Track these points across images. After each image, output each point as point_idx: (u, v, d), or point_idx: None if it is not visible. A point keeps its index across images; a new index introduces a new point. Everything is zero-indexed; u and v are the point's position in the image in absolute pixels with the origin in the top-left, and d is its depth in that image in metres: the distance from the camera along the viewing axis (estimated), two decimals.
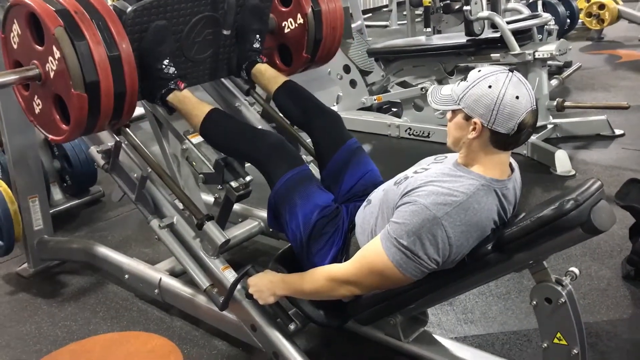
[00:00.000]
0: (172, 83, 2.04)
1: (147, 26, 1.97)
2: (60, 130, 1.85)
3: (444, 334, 2.03)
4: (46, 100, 1.85)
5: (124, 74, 1.77)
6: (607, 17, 6.47)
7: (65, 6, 1.71)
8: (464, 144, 1.52)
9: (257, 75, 2.26)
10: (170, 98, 2.05)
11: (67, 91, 1.72)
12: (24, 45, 1.81)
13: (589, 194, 1.41)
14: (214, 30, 2.16)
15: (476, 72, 1.50)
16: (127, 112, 1.88)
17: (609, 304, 2.12)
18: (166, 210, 2.07)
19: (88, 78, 1.69)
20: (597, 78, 5.16)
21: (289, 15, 2.36)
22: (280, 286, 1.77)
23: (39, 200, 2.68)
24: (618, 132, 3.78)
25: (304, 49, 2.37)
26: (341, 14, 2.43)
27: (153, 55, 2.00)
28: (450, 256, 1.48)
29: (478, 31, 3.58)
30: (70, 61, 1.67)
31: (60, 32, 1.66)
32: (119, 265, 2.42)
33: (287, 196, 1.81)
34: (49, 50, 1.71)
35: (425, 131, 4.02)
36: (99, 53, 1.70)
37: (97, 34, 1.71)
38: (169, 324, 2.24)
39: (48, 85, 1.79)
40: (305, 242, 1.76)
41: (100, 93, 1.73)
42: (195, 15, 2.08)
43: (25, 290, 2.59)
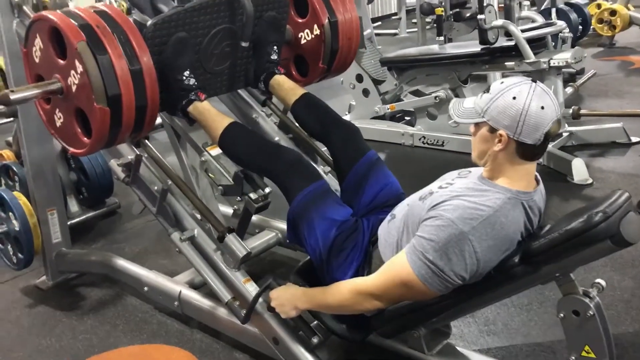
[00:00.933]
0: (192, 94, 2.05)
1: (166, 39, 1.98)
2: (82, 143, 1.86)
3: (467, 346, 2.02)
4: (68, 114, 1.86)
5: (145, 87, 1.78)
6: (619, 23, 6.44)
7: (87, 20, 1.73)
8: (489, 156, 1.52)
9: (275, 87, 2.26)
10: (190, 109, 2.05)
11: (90, 105, 1.73)
12: (46, 60, 1.83)
13: (617, 206, 1.40)
14: (232, 42, 2.17)
15: (499, 83, 1.49)
16: (148, 125, 1.89)
17: (634, 315, 2.10)
18: (187, 222, 2.07)
19: (110, 92, 1.70)
20: (610, 85, 5.14)
21: (305, 26, 2.36)
22: (303, 299, 1.76)
23: (57, 213, 2.70)
24: (634, 139, 3.75)
25: (320, 59, 2.37)
26: (357, 24, 2.43)
27: (174, 67, 2.01)
28: (478, 270, 1.48)
29: (492, 40, 3.56)
30: (92, 75, 1.68)
31: (82, 46, 1.68)
32: (138, 277, 2.42)
33: (305, 212, 1.80)
34: (72, 65, 1.73)
35: (440, 140, 4.01)
36: (121, 67, 1.72)
37: (119, 48, 1.73)
38: (189, 337, 2.24)
39: (70, 98, 1.80)
40: (325, 258, 1.76)
41: (122, 106, 1.74)
42: (214, 28, 2.09)
43: (44, 303, 2.60)
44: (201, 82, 2.11)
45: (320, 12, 2.29)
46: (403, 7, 8.97)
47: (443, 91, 3.97)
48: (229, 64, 2.22)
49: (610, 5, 6.55)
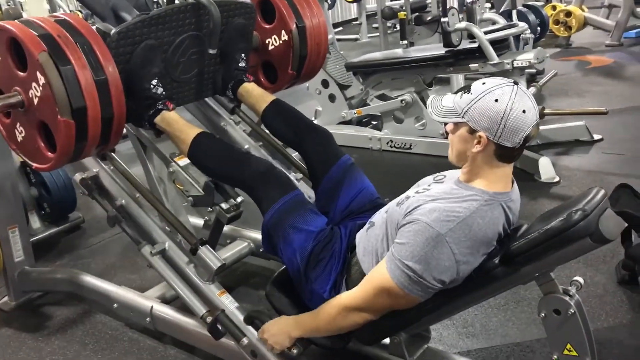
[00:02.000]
0: (160, 104, 1.99)
1: (131, 48, 1.92)
2: (46, 158, 1.79)
3: (447, 349, 2.01)
4: (30, 128, 1.79)
5: (111, 97, 1.72)
6: (574, 24, 6.61)
7: (48, 30, 1.66)
8: (467, 157, 1.50)
9: (243, 95, 2.22)
10: (158, 120, 1.99)
11: (53, 118, 1.66)
12: (5, 72, 1.76)
13: (595, 204, 1.40)
14: (199, 49, 2.12)
15: (480, 84, 1.47)
16: (115, 137, 1.83)
17: (608, 310, 2.12)
18: (157, 236, 2.02)
19: (75, 104, 1.64)
20: (570, 84, 5.25)
21: (272, 32, 2.33)
22: (294, 328, 1.72)
23: (18, 230, 2.59)
24: (597, 137, 3.83)
25: (289, 65, 2.35)
26: (325, 29, 2.42)
27: (140, 76, 1.95)
28: (457, 273, 1.46)
29: (456, 42, 3.60)
30: (56, 87, 1.62)
31: (44, 57, 1.61)
32: (106, 294, 2.34)
33: (280, 225, 1.77)
34: (33, 76, 1.65)
35: (407, 143, 4.02)
36: (85, 77, 1.66)
37: (82, 58, 1.67)
38: (162, 353, 2.17)
39: (32, 112, 1.73)
40: (303, 270, 1.73)
41: (87, 119, 1.68)
42: (180, 35, 2.04)
43: (7, 324, 2.49)
44: (168, 91, 2.06)
45: (288, 18, 2.27)
46: (363, 12, 9.03)
47: (409, 94, 3.99)
48: (196, 72, 2.17)
49: (565, 7, 6.71)
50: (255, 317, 1.82)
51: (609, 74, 5.55)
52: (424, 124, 4.01)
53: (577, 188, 3.15)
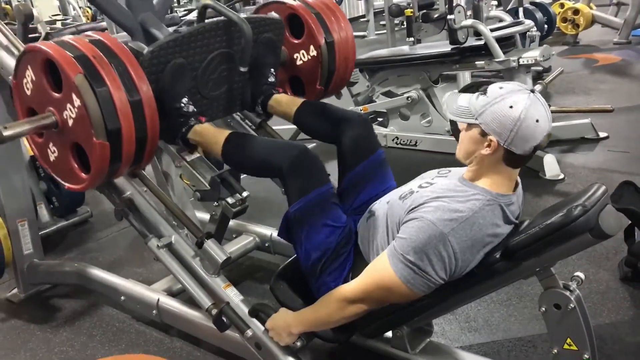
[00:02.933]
0: (192, 120, 1.97)
1: (163, 66, 1.90)
2: (80, 178, 1.79)
3: (449, 343, 2.02)
4: (63, 148, 1.78)
5: (145, 118, 1.72)
6: (582, 21, 6.60)
7: (83, 51, 1.65)
8: (475, 158, 1.52)
9: (274, 106, 2.18)
10: (190, 135, 1.98)
11: (88, 140, 1.65)
12: (39, 92, 1.74)
13: (595, 199, 1.42)
14: (229, 66, 2.09)
15: (497, 88, 1.48)
16: (148, 156, 1.83)
17: (610, 307, 2.13)
18: (164, 229, 2.04)
19: (110, 126, 1.63)
20: (576, 82, 5.24)
21: (301, 47, 2.29)
22: (295, 323, 1.74)
23: (28, 223, 2.63)
24: (602, 134, 3.83)
25: (317, 80, 2.29)
26: (352, 42, 2.34)
27: (172, 95, 1.93)
28: (456, 271, 1.49)
29: (462, 39, 3.60)
30: (91, 109, 1.61)
31: (80, 79, 1.60)
32: (114, 286, 2.37)
33: (308, 217, 1.73)
34: (68, 98, 1.65)
35: (413, 140, 4.04)
36: (120, 99, 1.65)
37: (117, 79, 1.66)
38: (169, 345, 2.20)
39: (65, 133, 1.72)
40: (323, 263, 1.72)
41: (122, 140, 1.67)
42: (211, 53, 2.01)
43: (17, 316, 2.53)
44: (198, 107, 2.03)
45: (317, 33, 2.21)
46: (371, 10, 9.02)
47: (415, 91, 3.99)
48: (225, 88, 2.14)
49: (573, 5, 6.69)
50: (259, 310, 1.84)
51: (616, 72, 5.54)
52: (429, 121, 4.02)
53: (581, 185, 3.15)
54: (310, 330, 1.76)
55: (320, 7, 2.27)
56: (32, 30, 3.96)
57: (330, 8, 2.30)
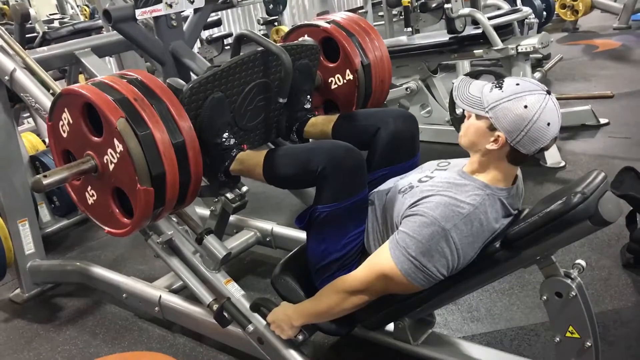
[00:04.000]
0: (234, 151, 1.90)
1: (202, 102, 1.84)
2: (122, 223, 1.72)
3: (452, 333, 2.03)
4: (103, 193, 1.72)
5: (189, 160, 1.65)
6: (581, 7, 6.55)
7: (124, 94, 1.59)
8: (479, 150, 1.50)
9: (309, 130, 2.10)
10: (232, 167, 1.90)
11: (132, 185, 1.59)
12: (76, 135, 1.68)
13: (594, 186, 1.40)
14: (265, 95, 2.04)
15: (514, 85, 1.44)
16: (191, 197, 1.76)
17: (612, 293, 2.13)
18: (163, 226, 2.03)
19: (154, 171, 1.57)
20: (576, 68, 5.21)
21: (336, 71, 2.21)
22: (296, 316, 1.73)
23: (28, 223, 2.64)
24: (603, 121, 3.81)
25: (353, 105, 2.22)
26: (389, 63, 2.26)
27: (212, 130, 1.86)
28: (457, 266, 1.49)
29: (460, 28, 3.58)
30: (135, 154, 1.54)
31: (122, 124, 1.53)
32: (116, 285, 2.37)
33: (338, 222, 1.66)
34: (109, 143, 1.58)
35: None
36: (164, 142, 1.58)
37: (160, 122, 1.59)
38: (171, 342, 2.21)
39: (106, 177, 1.66)
40: (337, 263, 1.69)
41: (166, 184, 1.61)
42: (249, 84, 1.96)
43: (20, 316, 2.54)
44: (237, 139, 1.97)
45: (353, 57, 2.14)
46: (369, 0, 8.97)
47: (414, 82, 3.97)
48: (262, 117, 2.08)
49: None
50: (261, 305, 1.84)
51: (617, 58, 5.51)
52: (429, 112, 4.00)
53: (582, 172, 3.13)
54: (311, 322, 1.76)
55: (355, 29, 2.20)
56: (30, 30, 3.95)
57: (364, 28, 2.23)
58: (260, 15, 8.40)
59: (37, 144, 3.62)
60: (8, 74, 2.23)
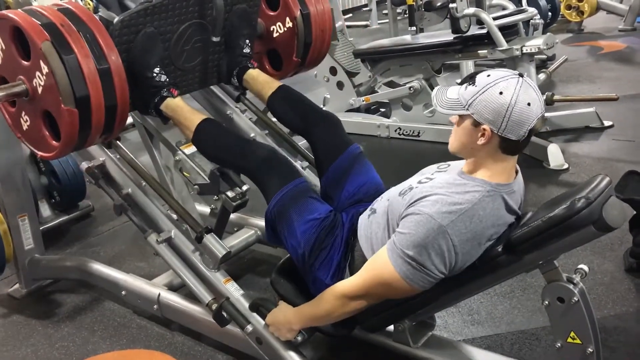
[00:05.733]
0: (164, 91, 1.99)
1: (134, 36, 1.92)
2: (51, 146, 1.80)
3: (452, 336, 2.01)
4: (35, 117, 1.79)
5: (114, 86, 1.73)
6: (587, 8, 6.51)
7: (51, 19, 1.66)
8: (472, 149, 1.49)
9: (249, 82, 2.21)
10: (163, 107, 2.00)
11: (57, 107, 1.67)
12: (9, 61, 1.76)
13: (599, 191, 1.39)
14: (202, 37, 2.12)
15: (485, 76, 1.46)
16: (119, 125, 1.84)
17: (615, 298, 2.11)
18: (163, 224, 2.03)
19: (78, 93, 1.65)
20: (581, 70, 5.19)
21: (277, 19, 2.32)
22: (295, 320, 1.73)
23: (28, 218, 2.62)
24: (607, 123, 3.79)
25: (294, 53, 2.33)
26: (329, 16, 2.39)
27: (143, 64, 1.95)
28: (457, 264, 1.47)
29: (464, 28, 3.56)
30: (59, 76, 1.62)
31: (47, 46, 1.61)
32: (115, 281, 2.36)
33: (284, 213, 1.76)
34: (36, 66, 1.66)
35: (415, 130, 4.01)
36: (88, 66, 1.66)
37: (85, 47, 1.67)
38: (170, 340, 2.19)
39: (36, 101, 1.74)
40: (307, 258, 1.72)
41: (91, 108, 1.68)
42: (183, 23, 2.03)
43: (18, 312, 2.53)
44: (172, 79, 2.06)
45: (292, 5, 2.25)
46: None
47: (417, 81, 3.96)
48: (200, 59, 2.17)
49: None
50: (260, 305, 1.83)
51: (622, 60, 5.48)
52: (432, 111, 3.98)
53: (585, 175, 3.13)
54: (311, 325, 1.75)
55: None
56: None
57: None
58: None
59: None
60: None
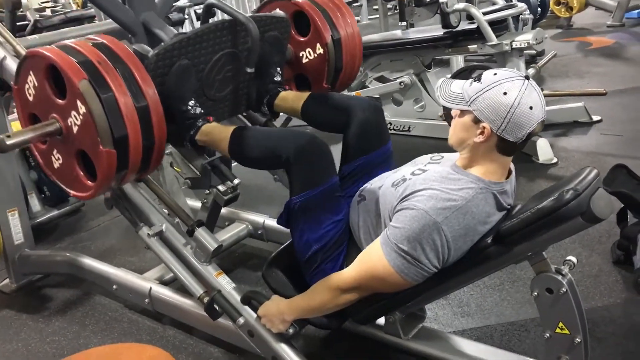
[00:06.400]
0: (200, 121, 1.92)
1: (168, 69, 1.85)
2: (85, 186, 1.73)
3: (442, 328, 2.03)
4: (68, 156, 1.72)
5: (152, 124, 1.66)
6: (575, 4, 6.56)
7: (87, 57, 1.60)
8: (468, 145, 1.51)
9: (280, 104, 2.13)
10: (198, 137, 1.92)
11: (94, 148, 1.60)
12: (42, 98, 1.68)
13: (587, 183, 1.41)
14: (234, 66, 2.04)
15: (492, 75, 1.46)
16: (155, 163, 1.78)
17: (602, 290, 2.14)
18: (154, 217, 2.02)
19: (117, 133, 1.58)
20: (570, 65, 5.23)
21: (307, 45, 2.23)
22: (288, 311, 1.73)
23: (18, 213, 2.61)
24: (595, 118, 3.82)
25: (324, 79, 2.24)
26: (359, 39, 2.29)
27: (177, 97, 1.88)
28: (449, 259, 1.49)
29: (454, 23, 3.58)
30: (97, 116, 1.55)
31: (85, 85, 1.55)
32: (106, 276, 2.36)
33: (312, 210, 1.69)
34: (72, 105, 1.59)
35: (406, 125, 4.02)
36: (126, 105, 1.59)
37: (123, 85, 1.60)
38: (161, 334, 2.20)
39: (70, 140, 1.66)
40: (321, 254, 1.70)
41: (129, 147, 1.62)
42: (216, 53, 1.96)
43: (8, 306, 2.52)
44: (204, 109, 1.98)
45: (323, 30, 2.16)
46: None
47: (407, 76, 3.97)
48: (231, 88, 2.09)
49: None
50: (252, 298, 1.83)
51: (610, 55, 5.52)
52: (422, 106, 4.00)
53: (574, 169, 3.14)
54: (304, 317, 1.76)
55: (326, 3, 2.21)
56: (21, 18, 3.91)
57: (336, 4, 2.24)
58: None
59: None
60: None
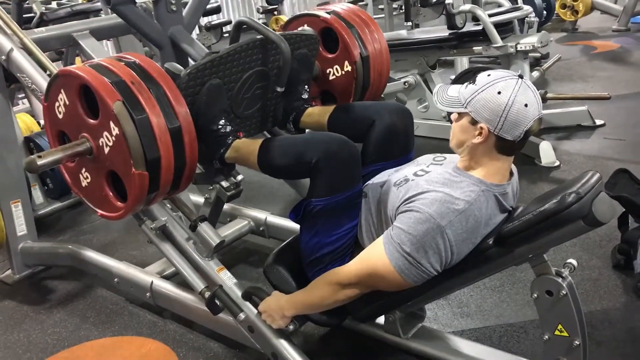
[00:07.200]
0: (230, 138, 1.90)
1: (200, 88, 1.82)
2: (115, 207, 1.71)
3: (441, 328, 2.04)
4: (97, 176, 1.71)
5: (184, 145, 1.65)
6: (581, 8, 6.55)
7: (121, 77, 1.58)
8: (468, 147, 1.52)
9: (305, 120, 2.10)
10: (228, 155, 1.90)
11: (126, 169, 1.58)
12: (72, 117, 1.67)
13: (589, 187, 1.41)
14: (263, 84, 2.02)
15: (485, 76, 1.48)
16: (185, 183, 1.76)
17: (602, 294, 2.14)
18: (157, 212, 2.03)
19: (150, 155, 1.56)
20: (574, 69, 5.23)
21: (335, 62, 2.20)
22: (288, 307, 1.74)
23: (21, 204, 2.62)
24: (599, 122, 3.83)
25: (350, 96, 2.21)
26: (387, 55, 2.25)
27: (209, 117, 1.86)
28: (451, 262, 1.50)
29: (460, 24, 3.57)
30: (130, 138, 1.53)
31: (119, 107, 1.52)
32: (108, 269, 2.37)
33: (332, 215, 1.67)
34: (105, 125, 1.57)
35: None
36: (160, 127, 1.57)
37: (157, 106, 1.59)
38: (162, 328, 2.21)
39: (101, 160, 1.65)
40: (329, 255, 1.70)
41: (161, 169, 1.61)
42: (246, 72, 1.94)
43: (10, 297, 2.54)
44: (233, 127, 1.96)
45: (352, 48, 2.13)
46: None
47: (412, 77, 3.97)
48: (259, 106, 2.06)
49: None
50: (253, 293, 1.84)
51: (615, 59, 5.52)
52: (426, 106, 4.01)
53: (576, 172, 3.15)
54: (303, 314, 1.77)
55: (354, 20, 2.19)
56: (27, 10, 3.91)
57: (364, 20, 2.22)
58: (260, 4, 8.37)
59: (31, 125, 3.61)
60: (5, 53, 2.22)
